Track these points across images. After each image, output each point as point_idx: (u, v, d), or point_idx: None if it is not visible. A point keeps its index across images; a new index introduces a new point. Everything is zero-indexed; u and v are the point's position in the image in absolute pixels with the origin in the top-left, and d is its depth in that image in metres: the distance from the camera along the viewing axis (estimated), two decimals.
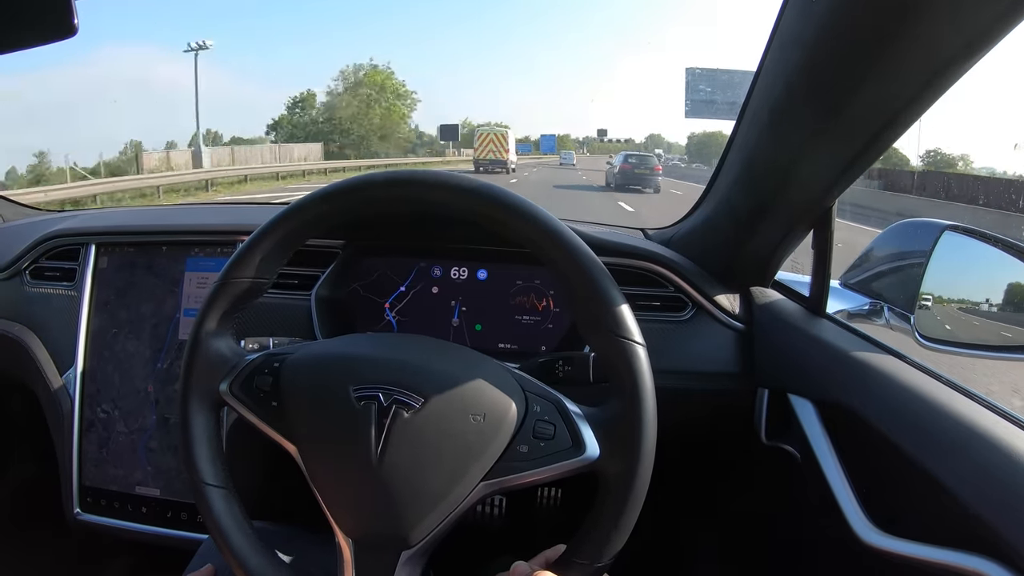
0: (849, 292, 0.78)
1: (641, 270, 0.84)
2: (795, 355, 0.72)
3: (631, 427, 0.45)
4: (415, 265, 0.88)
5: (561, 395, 0.48)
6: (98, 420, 0.94)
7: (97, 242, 0.97)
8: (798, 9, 0.54)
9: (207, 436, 0.50)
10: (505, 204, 0.49)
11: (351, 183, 0.52)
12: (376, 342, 0.54)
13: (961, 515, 0.45)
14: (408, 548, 0.45)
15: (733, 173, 0.75)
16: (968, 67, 0.46)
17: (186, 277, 0.93)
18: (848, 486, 0.60)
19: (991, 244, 0.67)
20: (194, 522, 0.92)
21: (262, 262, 0.52)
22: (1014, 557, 0.42)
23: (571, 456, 0.45)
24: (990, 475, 0.45)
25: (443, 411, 0.46)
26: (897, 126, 0.54)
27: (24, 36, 0.47)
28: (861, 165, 0.60)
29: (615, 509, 0.45)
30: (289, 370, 0.50)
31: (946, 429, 0.50)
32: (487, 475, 0.45)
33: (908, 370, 0.60)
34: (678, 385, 0.76)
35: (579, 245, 0.48)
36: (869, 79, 0.49)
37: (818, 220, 0.69)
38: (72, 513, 0.95)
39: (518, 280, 0.86)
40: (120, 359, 0.94)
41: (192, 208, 1.90)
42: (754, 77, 0.64)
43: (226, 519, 0.49)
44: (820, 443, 0.64)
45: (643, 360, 0.46)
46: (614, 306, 0.47)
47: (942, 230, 0.66)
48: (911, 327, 0.66)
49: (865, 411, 0.59)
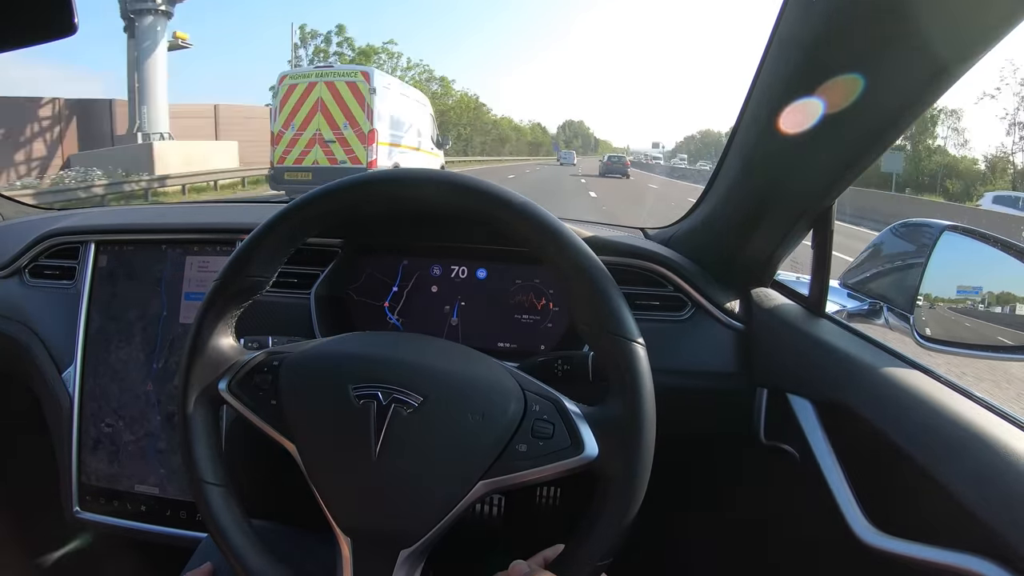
0: (848, 292, 0.78)
1: (640, 269, 0.84)
2: (794, 355, 0.72)
3: (630, 427, 0.45)
4: (415, 264, 0.88)
5: (560, 394, 0.48)
6: (103, 435, 0.94)
7: (97, 240, 0.97)
8: (798, 9, 0.54)
9: (206, 434, 0.51)
10: (505, 203, 0.49)
11: (351, 181, 0.52)
12: (375, 341, 0.54)
13: (960, 515, 0.45)
14: (407, 547, 0.45)
15: (732, 173, 0.75)
16: (968, 67, 0.46)
17: (187, 261, 0.94)
18: (847, 486, 0.60)
19: (990, 244, 0.67)
20: (193, 521, 0.92)
21: (262, 260, 0.52)
22: (1012, 558, 0.42)
23: (570, 455, 0.45)
24: (989, 475, 0.45)
25: (442, 410, 0.46)
26: (896, 126, 0.54)
27: (24, 34, 0.47)
28: (860, 165, 0.60)
29: (614, 508, 0.45)
30: (288, 369, 0.50)
31: (945, 429, 0.50)
32: (486, 474, 0.45)
33: (907, 370, 0.60)
34: (677, 384, 0.76)
35: (579, 244, 0.48)
36: (869, 79, 0.49)
37: (817, 220, 0.69)
38: (71, 511, 0.95)
39: (517, 279, 0.85)
40: (120, 357, 0.94)
41: (192, 207, 1.90)
42: (754, 77, 0.64)
43: (225, 517, 0.49)
44: (819, 443, 0.64)
45: (642, 360, 0.46)
46: (613, 306, 0.47)
47: (941, 230, 0.66)
48: (910, 327, 0.66)
49: (864, 411, 0.59)
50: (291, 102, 8.35)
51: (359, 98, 8.20)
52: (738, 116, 0.70)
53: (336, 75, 8.37)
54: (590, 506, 0.46)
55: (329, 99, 8.25)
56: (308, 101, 8.29)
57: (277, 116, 8.50)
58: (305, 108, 8.31)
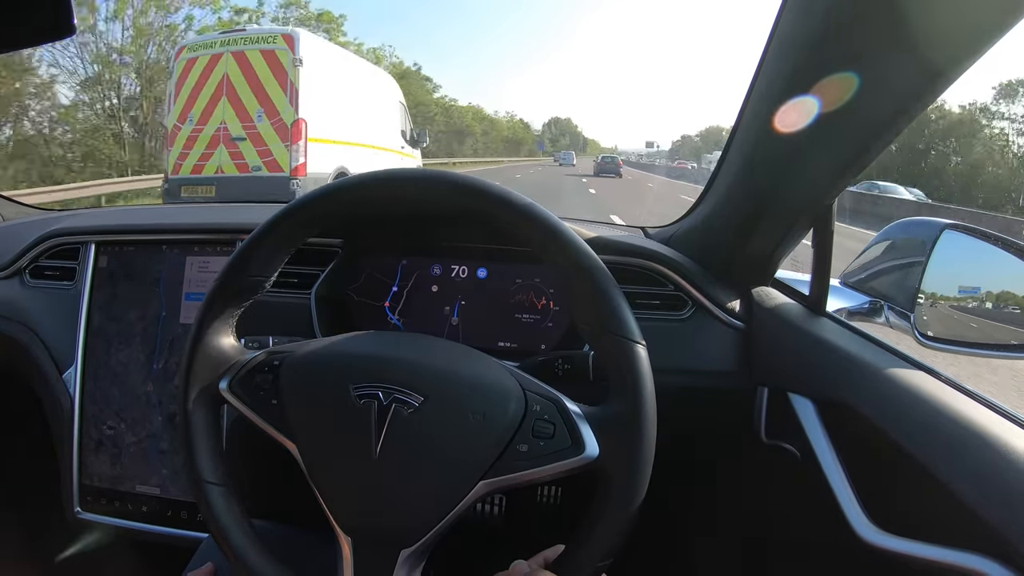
0: (849, 290, 0.78)
1: (641, 268, 0.84)
2: (795, 354, 0.72)
3: (631, 427, 0.45)
4: (415, 264, 0.88)
5: (561, 394, 0.48)
6: (105, 438, 0.95)
7: (97, 241, 0.97)
8: (798, 8, 0.54)
9: (207, 434, 0.51)
10: (506, 203, 0.49)
11: (351, 181, 0.52)
12: (376, 341, 0.54)
13: (960, 514, 0.45)
14: (407, 546, 0.45)
15: (733, 172, 0.75)
16: (968, 66, 0.46)
17: (188, 262, 0.94)
18: (848, 484, 0.60)
19: (991, 243, 0.67)
20: (194, 521, 0.92)
21: (262, 260, 0.52)
22: (1013, 556, 0.42)
23: (570, 456, 0.45)
24: (990, 474, 0.45)
25: (443, 410, 0.46)
26: (896, 124, 0.54)
27: (21, 35, 0.47)
28: (861, 163, 0.60)
29: (614, 509, 0.45)
30: (289, 368, 0.50)
31: (946, 428, 0.50)
32: (486, 474, 0.45)
33: (908, 369, 0.60)
34: (678, 383, 0.76)
35: (580, 244, 0.48)
36: (868, 78, 0.49)
37: (818, 218, 0.69)
38: (72, 511, 0.95)
39: (518, 279, 0.85)
40: (120, 359, 0.94)
41: (192, 207, 1.91)
42: (754, 76, 0.64)
43: (226, 517, 0.49)
44: (820, 441, 0.64)
45: (643, 360, 0.46)
46: (614, 306, 0.47)
47: (942, 228, 0.66)
48: (911, 325, 0.66)
49: (865, 409, 0.59)
50: (189, 84, 5.73)
51: (279, 74, 5.51)
52: (738, 115, 0.70)
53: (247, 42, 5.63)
54: (591, 506, 0.46)
55: (238, 77, 5.58)
56: (211, 82, 5.65)
57: (172, 105, 5.87)
58: (207, 92, 5.67)
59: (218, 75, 5.63)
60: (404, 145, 8.02)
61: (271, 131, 5.55)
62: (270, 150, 5.57)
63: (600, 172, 28.74)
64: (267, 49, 5.56)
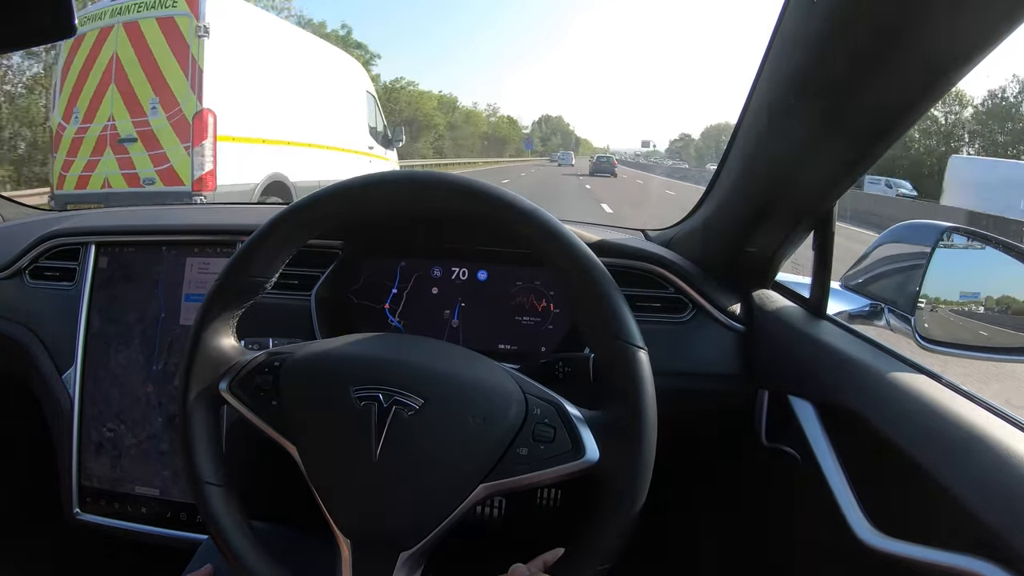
0: (850, 293, 0.78)
1: (641, 271, 0.84)
2: (795, 356, 0.72)
3: (631, 431, 0.45)
4: (415, 266, 0.87)
5: (561, 398, 0.48)
6: (106, 440, 0.94)
7: (97, 242, 0.97)
8: (799, 9, 0.54)
9: (207, 434, 0.50)
10: (507, 206, 0.49)
11: (351, 183, 0.52)
12: (376, 343, 0.54)
13: (962, 517, 0.45)
14: (407, 549, 0.45)
15: (733, 174, 0.75)
16: (971, 68, 0.46)
17: (187, 263, 0.94)
18: (848, 488, 0.59)
19: (991, 246, 0.67)
20: (193, 522, 0.92)
21: (263, 261, 0.52)
22: (1016, 560, 0.41)
23: (571, 460, 0.45)
24: (991, 478, 0.45)
25: (443, 413, 0.46)
26: (898, 126, 0.53)
27: (22, 35, 0.47)
28: (862, 166, 0.59)
29: (614, 513, 0.45)
30: (289, 369, 0.50)
31: (947, 431, 0.50)
32: (486, 477, 0.45)
33: (909, 372, 0.59)
34: (678, 386, 0.76)
35: (581, 247, 0.48)
36: (870, 80, 0.49)
37: (818, 221, 0.69)
38: (71, 513, 0.95)
39: (518, 281, 0.85)
40: (120, 360, 0.94)
41: (192, 208, 1.91)
42: (755, 77, 0.64)
43: (225, 518, 0.49)
44: (820, 445, 0.64)
45: (644, 364, 0.46)
46: (615, 309, 0.47)
47: (942, 231, 0.66)
48: (911, 328, 0.66)
49: (865, 413, 0.58)
50: (75, 69, 4.27)
51: (179, 49, 4.01)
52: (739, 116, 0.70)
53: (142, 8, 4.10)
54: (591, 510, 0.46)
55: (128, 56, 4.09)
56: (98, 65, 4.18)
57: (57, 98, 4.40)
58: (93, 79, 4.20)
59: (106, 55, 4.15)
60: (373, 145, 6.46)
61: (167, 128, 4.06)
62: (166, 155, 4.09)
63: (595, 172, 29.39)
64: (164, 16, 4.03)
